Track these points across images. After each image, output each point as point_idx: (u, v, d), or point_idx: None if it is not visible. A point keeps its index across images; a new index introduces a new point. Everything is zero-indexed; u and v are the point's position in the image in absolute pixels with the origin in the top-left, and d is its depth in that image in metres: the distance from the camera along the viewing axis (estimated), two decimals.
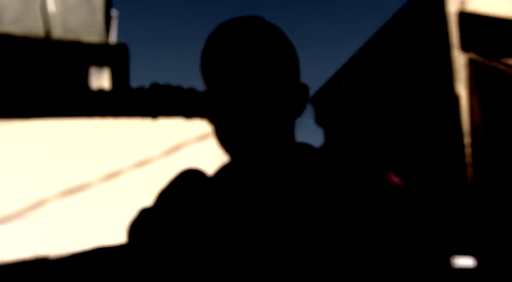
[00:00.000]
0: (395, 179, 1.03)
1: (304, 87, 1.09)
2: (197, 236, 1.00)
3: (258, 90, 1.01)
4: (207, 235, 0.99)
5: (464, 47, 11.16)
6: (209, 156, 5.91)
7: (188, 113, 6.51)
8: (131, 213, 1.22)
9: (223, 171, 1.10)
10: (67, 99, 6.43)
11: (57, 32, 8.08)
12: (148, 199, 1.19)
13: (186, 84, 6.72)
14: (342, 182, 1.01)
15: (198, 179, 1.11)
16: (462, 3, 11.34)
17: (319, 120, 16.68)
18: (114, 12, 9.82)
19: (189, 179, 1.11)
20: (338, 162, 1.06)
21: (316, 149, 1.10)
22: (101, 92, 6.75)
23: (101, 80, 7.83)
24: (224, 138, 1.04)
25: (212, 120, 1.06)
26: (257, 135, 1.01)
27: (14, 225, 5.80)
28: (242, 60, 1.02)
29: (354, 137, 14.94)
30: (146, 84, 6.76)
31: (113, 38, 9.61)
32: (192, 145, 6.30)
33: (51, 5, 8.18)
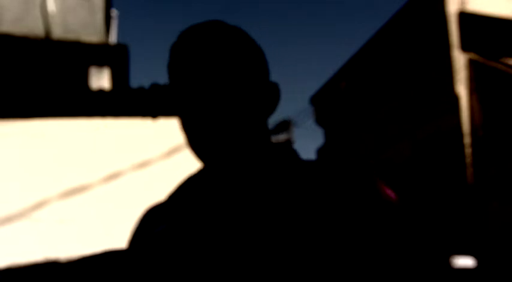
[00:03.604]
0: (380, 183, 1.02)
1: (274, 86, 1.09)
2: (199, 243, 0.99)
3: (224, 92, 1.00)
4: (207, 241, 0.99)
5: (464, 47, 11.17)
6: None
7: None
8: (132, 215, 1.22)
9: (202, 174, 1.09)
10: (67, 99, 6.43)
11: (57, 32, 8.07)
12: (147, 200, 1.19)
13: None
14: (321, 180, 1.00)
15: (194, 183, 1.10)
16: (462, 3, 11.34)
17: (319, 120, 16.69)
18: (114, 12, 9.82)
19: (192, 185, 1.10)
20: (315, 162, 1.05)
21: (291, 148, 1.10)
22: (101, 92, 6.75)
23: (101, 80, 7.82)
24: (195, 144, 1.03)
25: (183, 127, 1.05)
26: (227, 139, 1.00)
27: (15, 225, 5.80)
28: (206, 63, 1.01)
29: (353, 137, 14.94)
30: (146, 84, 6.76)
31: (113, 38, 9.61)
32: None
33: (51, 5, 8.18)
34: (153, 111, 6.54)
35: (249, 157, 1.04)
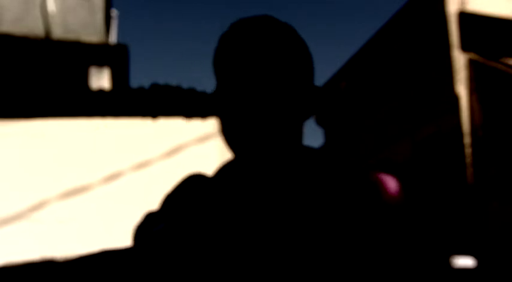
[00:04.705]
0: (393, 182, 1.03)
1: (317, 89, 1.09)
2: (200, 241, 0.99)
3: (271, 90, 1.00)
4: (210, 240, 0.99)
5: (464, 47, 11.16)
6: (209, 157, 5.91)
7: (188, 113, 6.52)
8: (131, 214, 1.22)
9: (225, 171, 1.09)
10: (67, 99, 6.43)
11: (57, 32, 8.07)
12: (148, 200, 1.19)
13: (186, 84, 6.73)
14: (342, 184, 1.01)
15: (202, 183, 1.10)
16: (462, 3, 11.34)
17: (319, 120, 16.68)
18: (114, 12, 9.82)
19: (193, 183, 1.10)
20: (339, 166, 1.05)
21: (319, 151, 1.10)
22: (101, 92, 6.75)
23: (101, 80, 7.83)
24: (230, 134, 1.03)
25: (221, 116, 1.04)
26: (264, 134, 1.00)
27: (14, 226, 5.80)
28: (257, 58, 1.01)
29: (353, 137, 14.94)
30: (146, 84, 6.77)
31: (113, 38, 9.61)
32: (192, 146, 6.30)
33: (51, 5, 8.18)
34: (153, 111, 6.54)
35: (281, 156, 1.04)
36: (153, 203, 1.20)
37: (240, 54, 1.02)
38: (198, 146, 6.18)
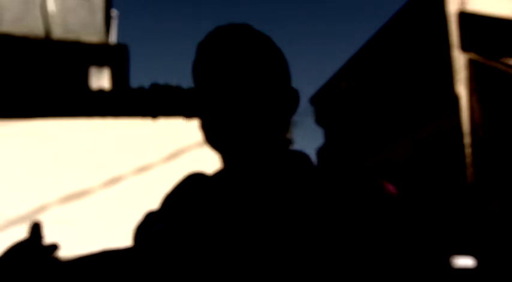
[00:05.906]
0: (388, 185, 1.03)
1: (295, 92, 1.12)
2: (199, 241, 1.00)
3: (249, 94, 1.03)
4: (209, 240, 0.99)
5: (464, 47, 11.17)
6: (209, 160, 5.90)
7: (188, 113, 6.52)
8: (132, 218, 1.22)
9: (219, 175, 1.10)
10: (67, 99, 6.43)
11: (57, 32, 8.08)
12: (148, 203, 1.19)
13: (186, 84, 6.74)
14: (335, 186, 1.01)
15: (202, 183, 1.11)
16: (462, 3, 11.35)
17: (319, 120, 16.70)
18: (114, 12, 9.83)
19: (193, 183, 1.11)
20: (331, 167, 1.06)
21: (307, 155, 1.12)
22: (101, 92, 6.75)
23: (101, 80, 7.83)
24: (216, 141, 1.05)
25: (204, 124, 1.07)
26: (249, 139, 1.03)
27: (14, 226, 5.80)
28: (233, 65, 1.05)
29: (353, 137, 14.95)
30: (146, 84, 6.77)
31: (113, 38, 9.61)
32: (192, 146, 6.30)
33: (51, 5, 8.19)
34: (153, 111, 6.55)
35: (267, 158, 1.06)
36: (154, 207, 1.21)
37: (216, 61, 1.05)
38: (198, 150, 6.18)
